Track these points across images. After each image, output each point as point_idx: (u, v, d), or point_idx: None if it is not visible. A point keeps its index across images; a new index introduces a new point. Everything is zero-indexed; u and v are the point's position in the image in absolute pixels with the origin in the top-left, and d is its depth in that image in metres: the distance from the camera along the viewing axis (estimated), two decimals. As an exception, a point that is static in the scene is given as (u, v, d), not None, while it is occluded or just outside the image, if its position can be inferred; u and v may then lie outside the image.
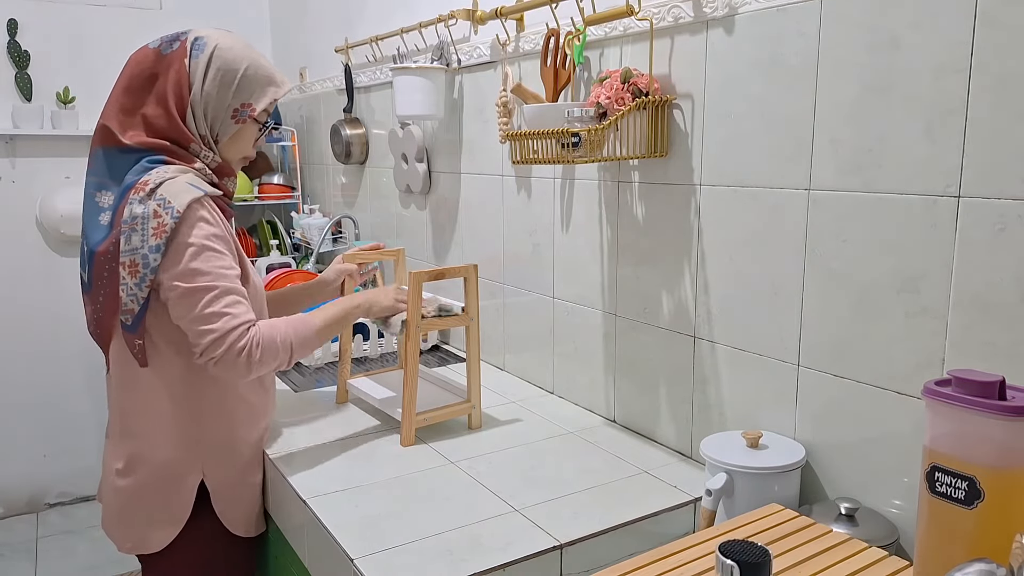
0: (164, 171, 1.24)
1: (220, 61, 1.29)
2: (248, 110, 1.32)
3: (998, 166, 0.93)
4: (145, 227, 1.20)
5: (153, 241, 1.19)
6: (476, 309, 1.52)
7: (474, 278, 1.51)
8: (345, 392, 1.72)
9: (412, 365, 1.45)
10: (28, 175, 3.04)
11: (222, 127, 1.32)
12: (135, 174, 1.24)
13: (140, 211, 1.20)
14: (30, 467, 3.16)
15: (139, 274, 1.20)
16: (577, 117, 1.31)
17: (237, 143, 1.36)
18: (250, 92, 1.32)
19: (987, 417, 0.80)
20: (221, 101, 1.30)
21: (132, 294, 1.22)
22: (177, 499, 1.35)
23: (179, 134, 1.28)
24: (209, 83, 1.28)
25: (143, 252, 1.20)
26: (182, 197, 1.21)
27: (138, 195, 1.21)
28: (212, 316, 1.21)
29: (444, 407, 1.54)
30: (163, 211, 1.19)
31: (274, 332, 1.28)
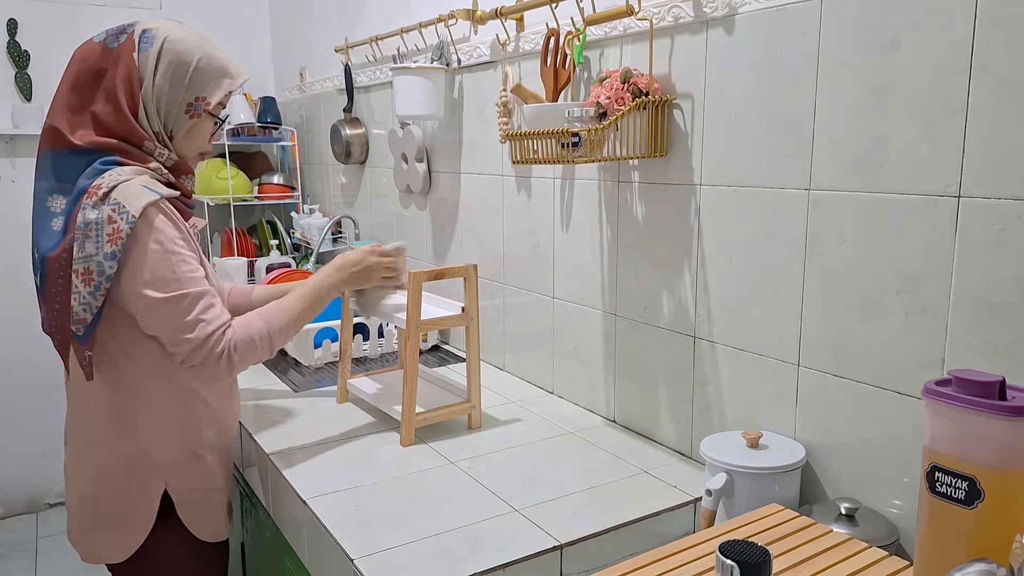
0: (118, 173, 1.18)
1: (171, 54, 1.23)
2: (203, 103, 1.27)
3: (998, 166, 0.93)
4: (100, 233, 1.14)
5: (108, 248, 1.14)
6: (476, 309, 1.52)
7: (474, 278, 1.51)
8: (345, 392, 1.72)
9: (412, 365, 1.45)
10: (28, 175, 3.03)
11: (176, 122, 1.27)
12: (87, 177, 1.19)
13: (94, 216, 1.14)
14: (30, 467, 3.16)
15: (93, 282, 1.15)
16: (577, 117, 1.31)
17: (192, 138, 1.31)
18: (203, 85, 1.26)
19: (987, 417, 0.80)
20: (174, 95, 1.24)
21: (85, 303, 1.16)
22: (140, 508, 1.31)
23: (131, 132, 1.22)
24: (160, 77, 1.23)
25: (97, 259, 1.14)
26: (137, 201, 1.16)
27: (91, 200, 1.15)
28: (188, 325, 1.20)
29: (444, 407, 1.54)
30: (118, 216, 1.14)
31: (249, 330, 1.27)
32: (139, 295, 1.18)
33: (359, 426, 1.58)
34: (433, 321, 1.50)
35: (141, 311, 1.20)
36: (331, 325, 2.03)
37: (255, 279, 2.68)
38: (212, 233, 3.23)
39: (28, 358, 3.11)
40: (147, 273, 1.17)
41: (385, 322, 2.11)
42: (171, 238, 1.20)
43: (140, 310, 1.20)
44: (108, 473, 1.30)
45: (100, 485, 1.31)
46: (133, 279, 1.17)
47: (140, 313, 1.21)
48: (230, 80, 1.30)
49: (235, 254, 2.96)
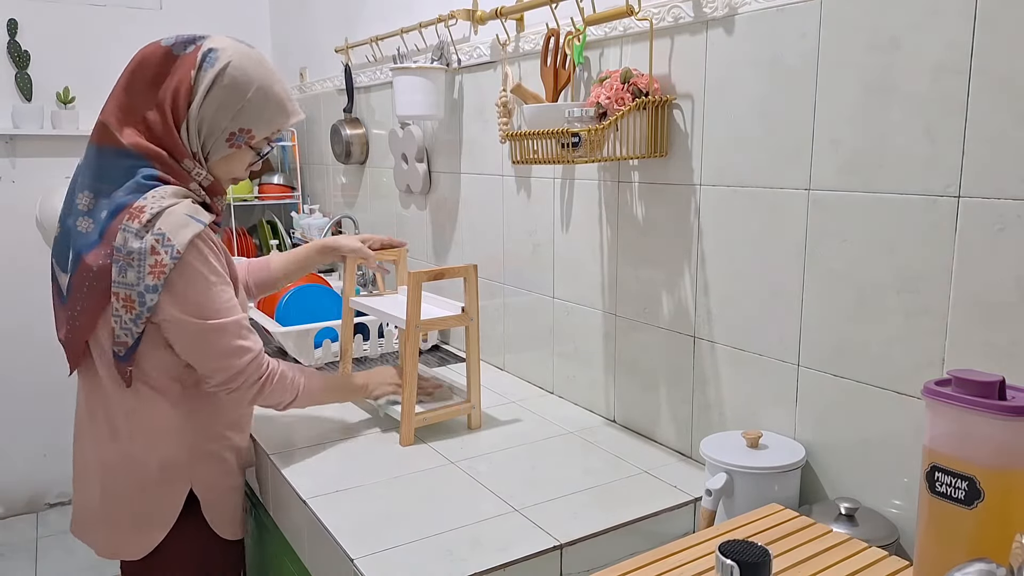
0: (161, 196, 1.18)
1: (228, 80, 1.22)
2: (246, 136, 1.26)
3: (998, 166, 0.93)
4: (142, 264, 1.15)
5: (150, 280, 1.15)
6: (476, 309, 1.52)
7: (473, 278, 1.50)
8: None
9: (411, 365, 1.45)
10: (28, 175, 3.04)
11: (215, 147, 1.26)
12: (128, 192, 1.18)
13: (137, 246, 1.15)
14: (30, 467, 3.16)
15: (135, 311, 1.17)
16: (577, 117, 1.31)
17: (228, 164, 1.30)
18: (252, 119, 1.25)
19: (987, 417, 0.80)
20: (218, 122, 1.24)
21: (126, 328, 1.19)
22: (165, 505, 1.32)
23: (174, 146, 1.23)
24: (210, 101, 1.22)
25: (139, 290, 1.16)
26: (182, 234, 1.16)
27: (133, 223, 1.15)
28: (228, 352, 1.23)
29: (443, 407, 1.54)
30: (162, 249, 1.15)
31: (289, 372, 1.34)
32: (179, 320, 1.20)
33: (360, 426, 1.58)
34: (433, 321, 1.50)
35: (181, 337, 1.22)
36: (331, 325, 2.03)
37: (255, 279, 2.68)
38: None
39: (28, 358, 3.11)
40: (190, 302, 1.19)
41: (386, 323, 2.11)
42: (212, 269, 1.22)
43: (179, 336, 1.22)
44: (137, 469, 1.30)
45: (127, 480, 1.31)
46: (174, 308, 1.19)
47: (179, 340, 1.23)
48: (283, 119, 1.29)
49: (235, 254, 2.96)
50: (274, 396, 1.32)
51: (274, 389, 1.31)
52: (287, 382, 1.33)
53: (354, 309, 1.67)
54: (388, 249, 1.64)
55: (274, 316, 2.15)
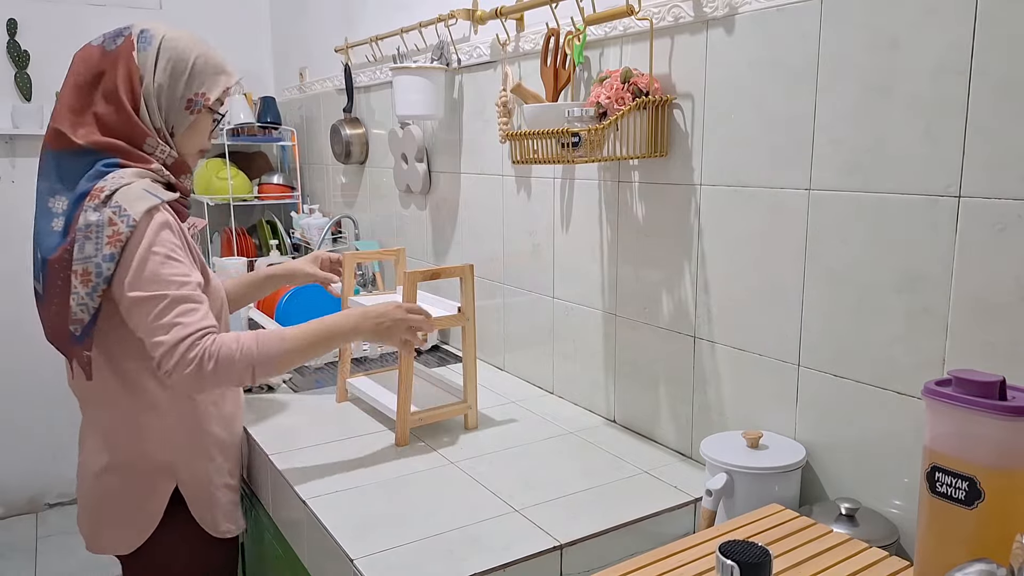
0: (120, 176, 1.20)
1: (169, 51, 1.26)
2: (202, 99, 1.29)
3: (998, 166, 0.93)
4: (100, 235, 1.16)
5: (107, 250, 1.16)
6: (472, 309, 1.52)
7: (470, 278, 1.51)
8: (344, 391, 1.72)
9: (407, 365, 1.45)
10: (28, 175, 3.04)
11: (177, 118, 1.29)
12: (89, 179, 1.20)
13: (95, 219, 1.16)
14: (30, 467, 3.16)
15: (91, 283, 1.16)
16: (577, 117, 1.31)
17: (193, 135, 1.32)
18: (202, 81, 1.29)
19: (987, 417, 0.80)
20: (174, 91, 1.27)
21: (83, 303, 1.17)
22: (149, 504, 1.32)
23: (133, 129, 1.24)
24: (160, 73, 1.25)
25: (96, 260, 1.16)
26: (138, 205, 1.18)
27: (93, 202, 1.17)
28: (162, 327, 1.16)
29: (440, 407, 1.54)
30: (118, 219, 1.16)
31: (235, 346, 1.19)
32: (124, 295, 1.18)
33: (359, 426, 1.58)
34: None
35: (125, 311, 1.19)
36: (331, 325, 2.02)
37: (255, 279, 2.68)
38: (212, 233, 3.23)
39: (29, 359, 3.10)
40: (134, 273, 1.17)
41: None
42: (165, 241, 1.20)
43: (124, 310, 1.19)
44: (115, 471, 1.31)
45: (107, 482, 1.32)
46: (124, 278, 1.17)
47: (125, 313, 1.20)
48: (227, 77, 1.32)
49: (235, 254, 2.96)
50: (221, 378, 1.18)
51: (217, 370, 1.17)
52: (234, 360, 1.18)
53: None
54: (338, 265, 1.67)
55: (274, 316, 2.15)
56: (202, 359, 1.16)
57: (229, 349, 1.18)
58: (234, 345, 1.19)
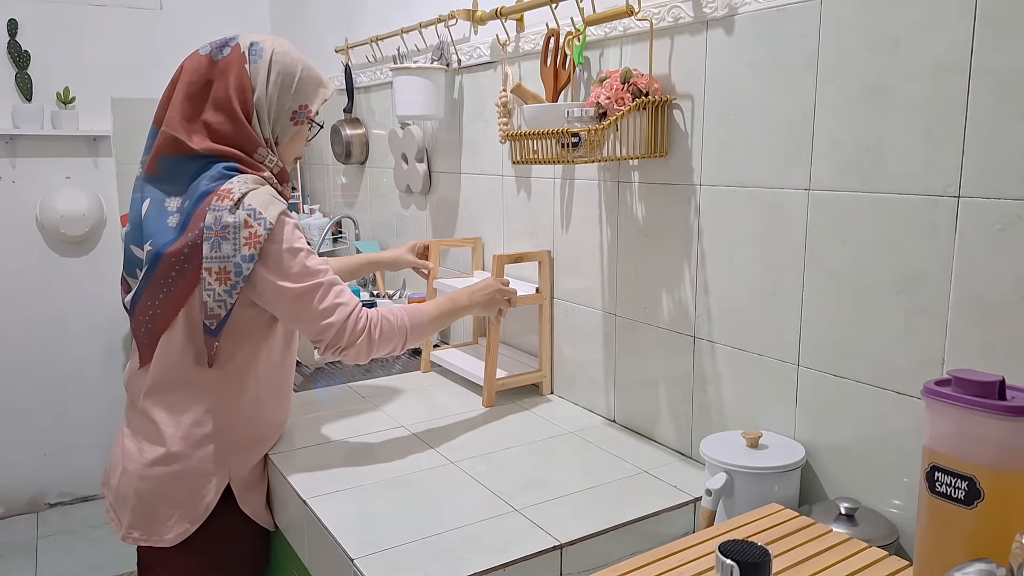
0: (245, 181, 1.27)
1: (280, 65, 1.33)
2: (305, 111, 1.37)
3: (998, 166, 0.93)
4: (237, 237, 1.23)
5: (246, 251, 1.23)
6: (548, 289, 1.73)
7: (547, 262, 1.73)
8: (429, 363, 1.93)
9: (494, 336, 1.65)
10: (28, 175, 3.04)
11: (283, 129, 1.36)
12: (211, 179, 1.26)
13: (231, 220, 1.23)
14: (30, 467, 3.16)
15: (230, 281, 1.24)
16: (577, 117, 1.31)
17: (293, 145, 1.40)
18: (306, 94, 1.37)
19: (987, 417, 0.80)
20: (282, 104, 1.34)
21: (220, 300, 1.25)
22: (202, 497, 1.34)
23: (246, 138, 1.31)
24: (272, 86, 1.32)
25: (235, 260, 1.23)
26: (271, 209, 1.26)
27: (223, 203, 1.23)
28: (327, 310, 1.28)
29: (519, 374, 1.74)
30: (254, 222, 1.24)
31: (391, 317, 1.36)
32: (279, 290, 1.26)
33: (359, 426, 1.58)
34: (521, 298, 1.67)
35: (282, 304, 1.29)
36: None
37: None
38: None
39: (29, 359, 3.11)
40: (285, 269, 1.26)
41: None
42: (299, 238, 1.30)
43: (281, 304, 1.29)
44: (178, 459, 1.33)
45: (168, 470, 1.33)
46: (271, 277, 1.26)
47: (281, 307, 1.30)
48: (324, 89, 1.41)
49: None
50: (384, 344, 1.35)
51: (382, 336, 1.34)
52: (394, 327, 1.36)
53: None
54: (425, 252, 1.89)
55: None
56: (370, 329, 1.32)
57: (387, 319, 1.35)
58: (391, 316, 1.36)
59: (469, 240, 2.00)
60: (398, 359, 2.10)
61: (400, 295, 2.40)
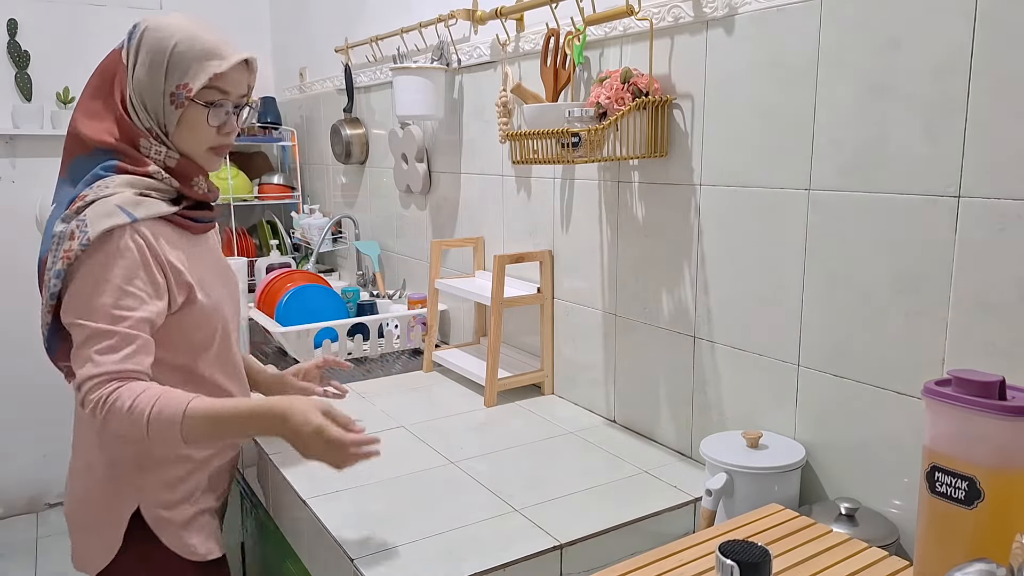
0: (106, 184, 1.13)
1: (148, 43, 1.18)
2: (184, 91, 1.17)
3: (998, 166, 0.93)
4: (59, 248, 1.10)
5: (59, 265, 1.10)
6: (550, 289, 1.73)
7: (548, 262, 1.73)
8: (431, 363, 1.94)
9: (495, 337, 1.67)
10: (28, 175, 3.04)
11: (165, 115, 1.19)
12: (84, 184, 1.15)
13: (60, 229, 1.11)
14: (30, 467, 3.16)
15: (44, 296, 1.13)
16: (577, 117, 1.31)
17: (189, 131, 1.20)
18: (183, 70, 1.17)
19: (987, 417, 0.80)
20: (153, 87, 1.17)
21: (42, 315, 1.15)
22: (110, 524, 1.21)
23: (127, 131, 1.18)
24: (139, 68, 1.18)
25: (51, 274, 1.11)
26: (100, 222, 1.09)
27: (71, 211, 1.12)
28: (79, 359, 1.08)
29: (521, 374, 1.75)
30: (78, 234, 1.09)
31: (135, 402, 1.05)
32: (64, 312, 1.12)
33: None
34: (513, 299, 1.70)
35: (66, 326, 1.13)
36: (331, 325, 2.03)
37: (255, 279, 2.68)
38: (212, 233, 3.23)
39: (29, 358, 3.10)
40: (71, 296, 1.11)
41: (386, 323, 2.11)
42: (116, 266, 1.10)
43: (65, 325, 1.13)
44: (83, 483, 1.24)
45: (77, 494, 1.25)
46: (68, 297, 1.11)
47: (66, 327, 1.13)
48: (217, 62, 1.18)
49: (235, 254, 2.96)
50: (113, 426, 1.06)
51: (108, 419, 1.06)
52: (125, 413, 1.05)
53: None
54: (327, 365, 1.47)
55: (274, 316, 2.15)
56: (96, 405, 1.06)
57: (126, 403, 1.05)
58: (135, 400, 1.05)
59: (470, 240, 2.00)
60: (398, 359, 2.10)
61: (400, 295, 2.40)
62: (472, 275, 2.00)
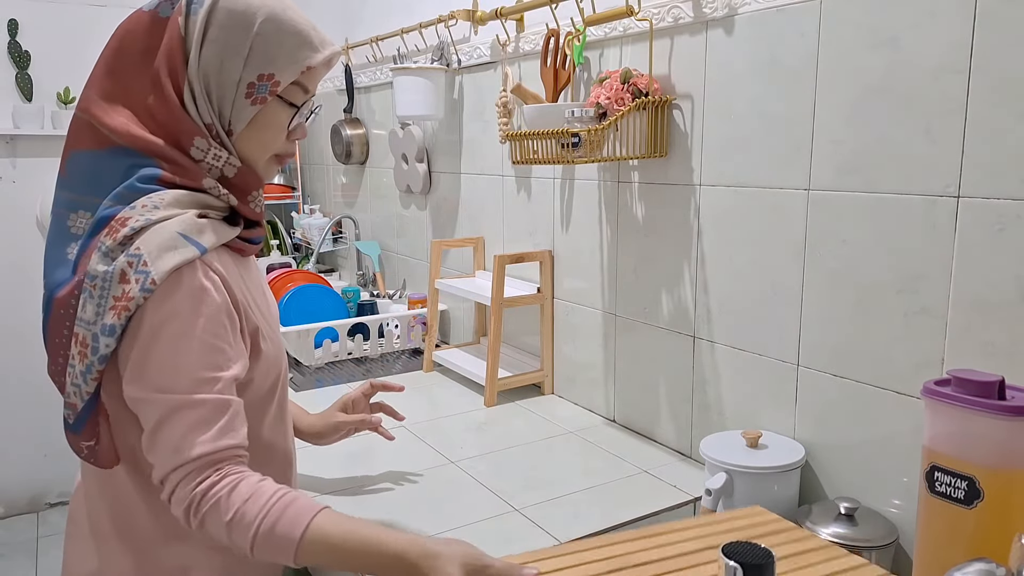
0: (154, 204, 0.86)
1: (224, 15, 0.88)
2: (269, 83, 0.91)
3: (998, 166, 0.93)
4: (105, 295, 0.83)
5: (109, 319, 0.83)
6: (550, 289, 1.73)
7: (548, 262, 1.73)
8: (431, 362, 1.93)
9: (495, 337, 1.67)
10: (28, 175, 3.05)
11: (235, 112, 0.91)
12: (115, 200, 0.87)
13: (103, 270, 0.83)
14: (30, 467, 3.16)
15: (87, 360, 0.84)
16: (577, 117, 1.31)
17: (259, 134, 0.94)
18: (269, 58, 0.90)
19: (987, 417, 0.81)
20: (227, 74, 0.89)
21: (76, 385, 0.86)
22: None
23: (178, 125, 0.89)
24: (208, 47, 0.88)
25: (94, 331, 0.83)
26: (164, 260, 0.83)
27: (108, 240, 0.84)
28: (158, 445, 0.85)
29: (521, 374, 1.75)
30: (133, 276, 0.82)
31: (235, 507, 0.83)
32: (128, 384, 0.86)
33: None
34: (513, 299, 1.70)
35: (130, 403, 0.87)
36: (331, 325, 2.03)
37: (255, 279, 2.68)
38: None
39: (29, 358, 3.10)
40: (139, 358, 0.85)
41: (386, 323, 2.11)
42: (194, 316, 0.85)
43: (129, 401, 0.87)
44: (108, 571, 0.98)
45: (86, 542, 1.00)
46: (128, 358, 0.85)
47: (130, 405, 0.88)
48: (310, 51, 0.95)
49: (235, 254, 2.95)
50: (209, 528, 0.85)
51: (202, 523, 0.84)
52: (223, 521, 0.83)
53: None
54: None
55: (274, 316, 2.15)
56: (190, 504, 0.84)
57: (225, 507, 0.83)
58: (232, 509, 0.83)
59: (470, 240, 2.00)
60: (398, 359, 2.10)
61: (400, 295, 2.40)
62: (472, 275, 2.00)
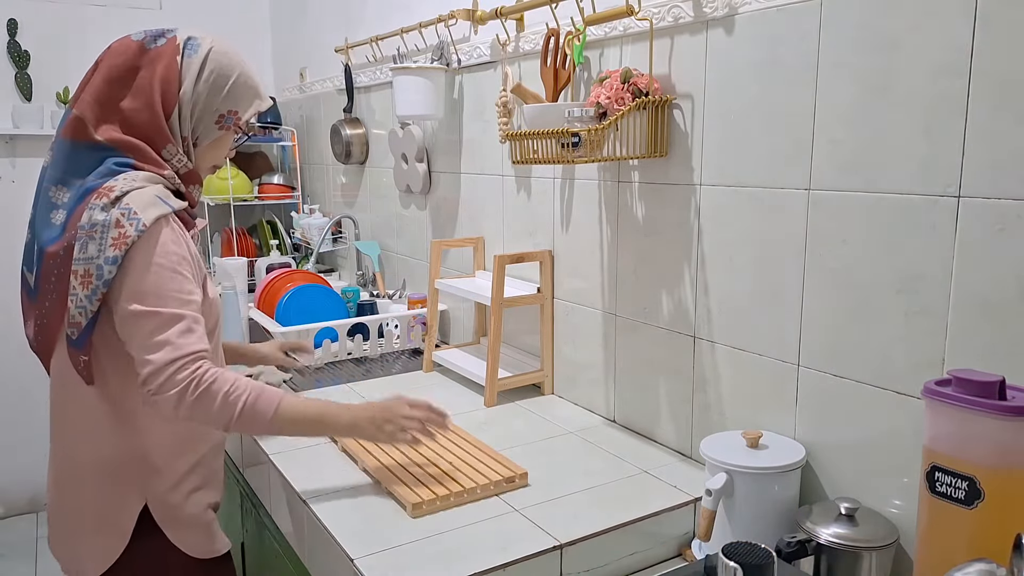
0: (132, 178, 1.15)
1: (216, 64, 1.24)
2: (233, 117, 1.27)
3: (998, 166, 0.93)
4: (104, 236, 1.10)
5: (111, 252, 1.10)
6: (550, 289, 1.74)
7: (548, 262, 1.73)
8: (431, 363, 1.93)
9: (495, 337, 1.68)
10: (28, 175, 3.04)
11: (204, 130, 1.26)
12: (99, 176, 1.16)
13: (101, 218, 1.11)
14: (30, 467, 3.16)
15: (91, 286, 1.11)
16: (577, 117, 1.31)
17: (214, 150, 1.30)
18: (238, 99, 1.26)
19: (987, 417, 0.81)
20: (209, 104, 1.24)
21: (81, 306, 1.12)
22: (114, 523, 1.21)
23: (158, 132, 1.20)
24: (202, 83, 1.22)
25: (98, 263, 1.10)
26: (150, 211, 1.13)
27: (101, 200, 1.12)
28: (154, 345, 1.10)
29: (521, 374, 1.75)
30: (127, 222, 1.11)
31: (228, 387, 1.14)
32: (120, 304, 1.12)
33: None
34: (513, 299, 1.70)
35: (119, 321, 1.13)
36: (331, 325, 2.03)
37: (255, 279, 2.68)
38: (212, 233, 3.24)
39: (29, 358, 3.10)
40: (136, 283, 1.12)
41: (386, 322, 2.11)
42: (171, 253, 1.15)
43: (118, 320, 1.13)
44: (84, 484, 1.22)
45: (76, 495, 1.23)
46: (125, 286, 1.12)
47: (118, 323, 1.14)
48: (260, 101, 1.31)
49: (235, 254, 2.96)
50: (198, 409, 1.12)
51: (197, 403, 1.11)
52: (219, 395, 1.12)
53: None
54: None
55: (274, 316, 2.15)
56: (187, 385, 1.10)
57: (220, 387, 1.13)
58: (227, 385, 1.14)
59: (470, 240, 2.00)
60: (398, 359, 2.10)
61: (400, 295, 2.40)
62: (472, 275, 2.00)
